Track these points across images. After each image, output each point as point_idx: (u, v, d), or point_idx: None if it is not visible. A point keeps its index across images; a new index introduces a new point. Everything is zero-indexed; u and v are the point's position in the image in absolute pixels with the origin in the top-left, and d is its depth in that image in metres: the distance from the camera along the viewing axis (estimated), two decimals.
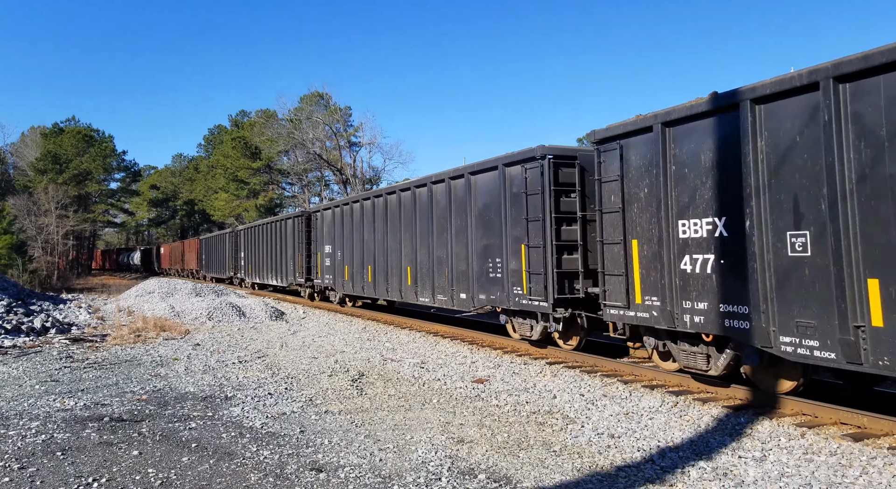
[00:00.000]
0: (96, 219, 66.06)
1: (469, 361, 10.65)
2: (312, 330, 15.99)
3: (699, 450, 5.89)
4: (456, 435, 6.47)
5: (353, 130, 51.43)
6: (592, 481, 5.16)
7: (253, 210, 57.33)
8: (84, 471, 5.43)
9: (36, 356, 12.03)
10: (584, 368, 9.62)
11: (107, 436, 6.49)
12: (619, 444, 6.12)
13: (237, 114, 67.65)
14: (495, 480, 5.17)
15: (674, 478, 5.20)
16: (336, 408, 7.66)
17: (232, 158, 59.13)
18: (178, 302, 19.96)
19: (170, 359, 11.63)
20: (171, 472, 5.40)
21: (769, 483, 5.01)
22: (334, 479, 5.20)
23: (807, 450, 5.72)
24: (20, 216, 43.66)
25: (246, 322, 17.89)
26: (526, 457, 5.76)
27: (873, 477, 5.04)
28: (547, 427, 6.79)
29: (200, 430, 6.71)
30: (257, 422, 7.05)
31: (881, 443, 5.78)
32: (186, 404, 7.96)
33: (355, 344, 13.22)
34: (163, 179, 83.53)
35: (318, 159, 51.30)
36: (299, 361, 11.19)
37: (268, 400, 8.16)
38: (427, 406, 7.76)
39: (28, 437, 6.47)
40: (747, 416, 6.80)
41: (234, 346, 13.24)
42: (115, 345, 13.57)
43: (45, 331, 15.39)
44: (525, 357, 10.77)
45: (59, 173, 56.28)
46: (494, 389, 8.59)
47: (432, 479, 5.17)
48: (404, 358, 11.26)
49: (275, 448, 6.07)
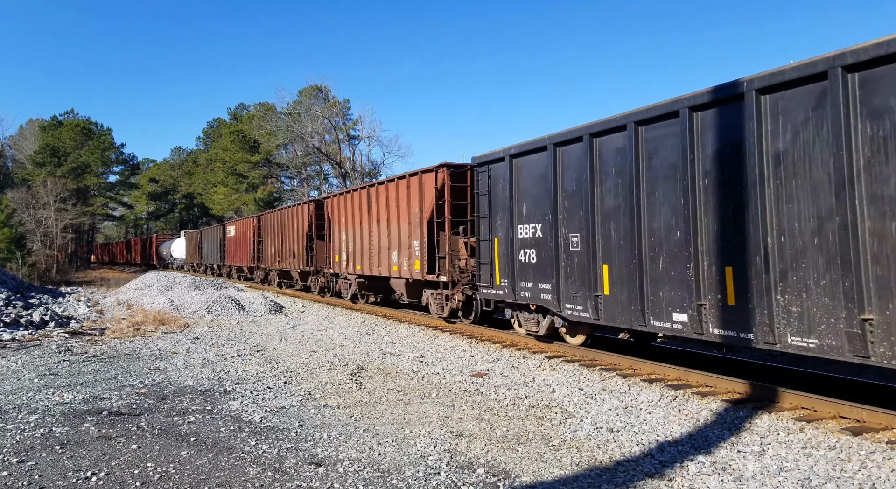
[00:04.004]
0: (95, 212, 66.03)
1: (468, 355, 10.65)
2: (312, 324, 15.99)
3: (698, 444, 5.89)
4: (455, 429, 6.47)
5: (352, 124, 51.38)
6: (591, 475, 5.16)
7: (252, 204, 57.27)
8: (83, 465, 5.43)
9: (35, 349, 12.02)
10: (584, 362, 9.62)
11: (105, 430, 6.49)
12: (618, 439, 6.12)
13: (236, 107, 67.56)
14: (494, 474, 5.17)
15: (672, 472, 5.20)
16: (335, 403, 7.66)
17: (231, 152, 59.07)
18: (177, 295, 19.95)
19: (169, 352, 11.62)
20: (169, 466, 5.40)
21: (768, 477, 5.00)
22: (333, 473, 5.20)
23: (805, 445, 5.72)
24: (19, 209, 43.62)
25: (245, 316, 17.89)
26: (525, 452, 5.76)
27: (872, 471, 5.04)
28: (546, 421, 6.79)
29: (199, 424, 6.71)
30: (256, 416, 7.05)
31: (880, 438, 5.79)
32: (185, 398, 7.96)
33: (354, 338, 13.22)
34: (161, 173, 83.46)
35: (317, 153, 51.26)
36: (298, 355, 11.18)
37: (267, 394, 8.16)
38: (426, 400, 7.76)
39: (27, 431, 6.46)
40: (746, 410, 6.80)
41: (234, 340, 13.24)
42: (113, 338, 13.56)
43: (44, 324, 15.38)
44: (524, 351, 10.77)
45: (57, 166, 56.21)
46: (493, 383, 8.59)
47: (431, 473, 5.17)
48: (403, 352, 11.26)
49: (274, 442, 6.06)
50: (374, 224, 16.73)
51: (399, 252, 15.23)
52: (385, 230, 16.03)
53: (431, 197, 13.77)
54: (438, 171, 13.60)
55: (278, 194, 60.95)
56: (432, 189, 13.69)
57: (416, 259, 14.35)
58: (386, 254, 15.94)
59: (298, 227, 23.66)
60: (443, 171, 13.49)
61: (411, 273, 14.64)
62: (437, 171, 13.61)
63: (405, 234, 14.95)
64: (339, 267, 19.58)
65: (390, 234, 15.75)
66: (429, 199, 13.90)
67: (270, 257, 28.17)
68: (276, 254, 27.04)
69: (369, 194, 17.17)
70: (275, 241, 27.24)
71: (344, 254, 19.04)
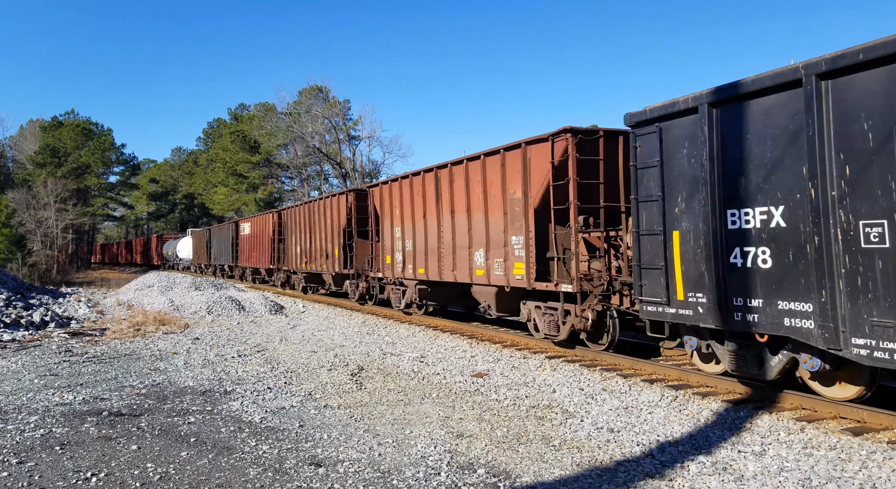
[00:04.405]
0: (95, 212, 66.04)
1: (468, 355, 10.65)
2: (312, 324, 15.99)
3: (698, 444, 5.89)
4: (455, 429, 6.46)
5: (353, 124, 51.39)
6: (592, 476, 5.15)
7: (252, 204, 57.29)
8: (83, 466, 5.43)
9: (35, 350, 12.02)
10: (584, 362, 9.61)
11: (106, 431, 6.49)
12: (619, 439, 6.11)
13: (236, 107, 67.56)
14: (495, 475, 5.16)
15: (673, 472, 5.20)
16: (335, 403, 7.65)
17: (231, 152, 59.07)
18: (178, 296, 19.95)
19: (169, 353, 11.62)
20: (169, 467, 5.39)
21: (769, 477, 5.00)
22: (333, 474, 5.20)
23: (806, 445, 5.72)
24: (19, 210, 43.63)
25: (245, 316, 17.88)
26: (525, 452, 5.75)
27: (873, 471, 5.04)
28: (546, 421, 6.78)
29: (199, 425, 6.70)
30: (256, 416, 7.05)
31: (880, 438, 5.78)
32: (185, 398, 7.96)
33: (354, 338, 13.21)
34: (162, 173, 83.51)
35: (317, 153, 51.26)
36: (299, 355, 11.18)
37: (267, 394, 8.16)
38: (426, 400, 7.75)
39: (27, 432, 6.46)
40: (746, 411, 6.80)
41: (234, 341, 13.24)
42: (114, 339, 13.56)
43: (45, 325, 15.38)
44: (524, 351, 10.76)
45: (58, 167, 56.20)
46: (494, 383, 8.59)
47: (431, 474, 5.17)
48: (404, 352, 11.25)
49: (274, 442, 6.06)
50: (447, 216, 13.02)
51: (487, 251, 11.65)
52: (464, 223, 12.38)
53: (544, 175, 10.17)
54: (557, 140, 9.85)
55: (278, 194, 60.96)
56: (546, 164, 10.03)
57: (516, 260, 10.80)
58: (465, 254, 12.39)
59: (333, 223, 19.97)
60: (565, 139, 9.74)
61: (508, 279, 11.02)
62: (555, 140, 9.86)
63: (497, 227, 11.36)
64: (390, 270, 15.85)
65: (472, 229, 12.13)
66: (539, 179, 10.32)
67: (294, 258, 24.43)
68: (303, 254, 23.25)
69: (438, 178, 13.35)
70: (301, 239, 23.54)
71: (399, 255, 15.26)
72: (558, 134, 9.79)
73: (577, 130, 9.65)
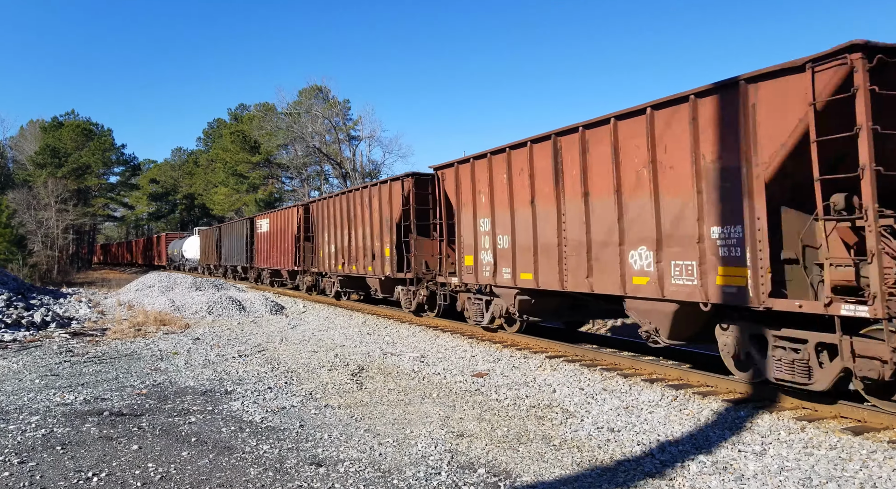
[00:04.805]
0: (96, 213, 66.10)
1: (469, 355, 10.65)
2: (312, 324, 15.99)
3: (699, 444, 5.89)
4: (456, 429, 6.47)
5: (353, 124, 51.40)
6: (592, 475, 5.16)
7: (252, 204, 57.31)
8: (84, 466, 5.43)
9: (36, 350, 12.03)
10: (584, 362, 9.62)
11: (107, 431, 6.49)
12: (619, 438, 6.12)
13: (236, 107, 67.61)
14: (495, 474, 5.17)
15: (673, 471, 5.20)
16: (336, 403, 7.66)
17: (231, 152, 59.09)
18: (178, 296, 19.96)
19: (170, 353, 11.63)
20: (170, 467, 5.40)
21: (769, 477, 5.00)
22: (334, 474, 5.20)
23: (807, 444, 5.72)
24: (20, 210, 43.64)
25: (246, 316, 17.90)
26: (526, 452, 5.76)
27: (873, 471, 5.04)
28: (547, 421, 6.79)
29: (200, 425, 6.71)
30: (257, 416, 7.05)
31: (881, 437, 5.78)
32: (186, 398, 7.96)
33: (355, 338, 13.22)
34: (162, 173, 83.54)
35: (317, 153, 51.26)
36: (299, 355, 11.19)
37: (267, 394, 8.16)
38: (427, 400, 7.76)
39: (28, 432, 6.47)
40: (747, 410, 6.80)
41: (234, 341, 13.25)
42: (115, 339, 13.56)
43: (45, 325, 15.39)
44: (525, 351, 10.77)
45: (58, 167, 56.23)
46: (494, 383, 8.59)
47: (432, 473, 5.17)
48: (404, 352, 11.26)
49: (274, 442, 6.07)
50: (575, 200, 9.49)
51: (658, 250, 8.09)
52: (609, 209, 8.84)
53: (788, 128, 6.47)
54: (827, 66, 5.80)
55: (279, 195, 61.01)
56: (798, 108, 6.30)
57: (724, 264, 7.33)
58: (610, 252, 8.87)
59: (382, 216, 16.61)
60: (846, 61, 5.55)
61: (706, 291, 7.41)
62: (822, 67, 5.77)
63: (677, 213, 7.89)
64: (472, 275, 12.36)
65: (625, 217, 8.59)
66: (776, 135, 6.64)
67: (326, 258, 20.91)
68: (339, 253, 19.73)
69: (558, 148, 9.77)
70: (336, 236, 19.99)
71: (487, 255, 11.90)
72: (834, 55, 5.90)
73: (875, 47, 5.76)
